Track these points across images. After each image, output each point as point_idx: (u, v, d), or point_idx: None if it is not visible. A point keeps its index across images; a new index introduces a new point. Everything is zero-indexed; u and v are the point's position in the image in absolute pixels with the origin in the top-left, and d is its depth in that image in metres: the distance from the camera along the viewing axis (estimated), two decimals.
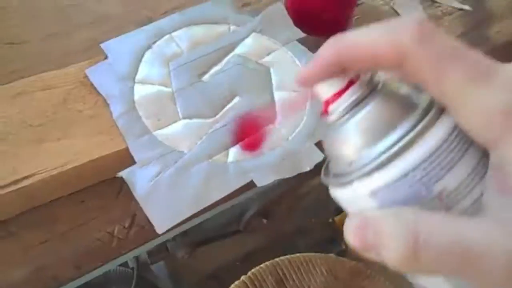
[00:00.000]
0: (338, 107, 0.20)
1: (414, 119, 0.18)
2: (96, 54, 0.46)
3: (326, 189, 0.22)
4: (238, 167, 0.40)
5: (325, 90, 0.20)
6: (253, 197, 0.93)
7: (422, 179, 0.17)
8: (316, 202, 1.04)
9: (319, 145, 0.42)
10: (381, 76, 0.20)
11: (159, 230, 0.37)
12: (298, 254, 0.76)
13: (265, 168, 0.40)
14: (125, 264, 0.91)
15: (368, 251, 0.17)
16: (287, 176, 0.40)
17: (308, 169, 0.40)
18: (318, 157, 0.41)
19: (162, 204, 0.37)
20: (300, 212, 1.04)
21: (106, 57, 0.45)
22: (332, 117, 0.20)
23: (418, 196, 0.18)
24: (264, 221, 0.97)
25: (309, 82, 0.20)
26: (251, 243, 1.12)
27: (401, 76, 0.19)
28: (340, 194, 0.20)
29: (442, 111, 0.18)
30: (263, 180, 0.39)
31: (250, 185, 0.43)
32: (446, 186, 0.17)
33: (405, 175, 0.17)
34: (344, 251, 1.08)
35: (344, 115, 0.20)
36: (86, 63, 0.44)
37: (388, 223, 0.17)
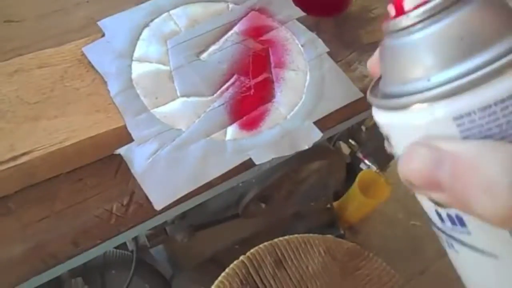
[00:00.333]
0: (420, 7, 0.16)
1: None
2: (93, 32, 0.45)
3: (325, 173, 0.21)
4: (236, 145, 0.40)
5: None
6: (252, 181, 0.93)
7: None
8: (315, 187, 1.04)
9: (317, 123, 0.42)
10: None
11: (157, 207, 0.37)
12: (296, 235, 0.76)
13: (263, 146, 0.40)
14: (124, 247, 0.92)
15: (431, 189, 0.15)
16: (285, 154, 0.40)
17: (306, 147, 0.40)
18: (317, 135, 0.41)
19: (160, 181, 0.37)
20: (299, 197, 1.05)
21: (103, 35, 0.45)
22: (409, 19, 0.16)
23: None
24: (263, 205, 0.97)
25: None
26: (249, 227, 1.13)
27: None
28: (398, 119, 0.17)
29: None
30: (261, 158, 0.39)
31: (248, 164, 0.43)
32: None
33: (511, 96, 0.14)
34: (343, 236, 1.09)
35: (428, 18, 0.16)
36: (83, 41, 0.44)
37: (492, 168, 0.13)
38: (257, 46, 0.45)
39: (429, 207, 0.19)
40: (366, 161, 1.04)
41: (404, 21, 0.16)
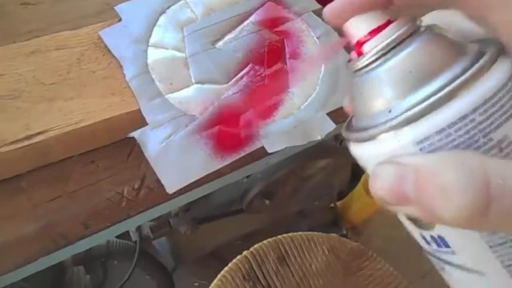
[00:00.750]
0: (375, 46, 0.17)
1: (469, 60, 0.16)
2: (110, 16, 0.46)
3: (330, 172, 0.21)
4: (249, 133, 0.40)
5: (360, 26, 0.18)
6: (257, 177, 0.93)
7: (480, 125, 0.15)
8: (320, 186, 1.04)
9: (331, 115, 0.42)
10: (423, 21, 0.18)
11: (170, 190, 0.37)
12: (300, 233, 0.76)
13: (276, 135, 0.40)
14: (127, 238, 0.92)
15: (401, 204, 0.15)
16: (298, 144, 0.40)
17: (319, 138, 0.40)
18: (330, 126, 0.41)
19: (173, 165, 0.37)
20: (303, 195, 1.05)
21: (120, 20, 0.45)
22: (365, 59, 0.18)
23: (473, 145, 0.15)
24: (267, 202, 0.97)
25: (341, 16, 0.18)
26: (253, 223, 1.13)
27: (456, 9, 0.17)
28: (368, 149, 0.18)
29: (498, 55, 0.16)
30: (274, 146, 0.39)
31: (259, 154, 0.43)
32: (508, 134, 0.15)
33: (462, 118, 0.15)
34: (345, 236, 1.08)
35: (382, 56, 0.17)
36: (100, 25, 0.44)
37: (447, 172, 0.14)
38: (272, 37, 0.45)
39: (413, 231, 0.20)
40: None
41: (362, 61, 0.18)
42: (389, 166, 0.16)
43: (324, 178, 1.01)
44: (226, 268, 0.74)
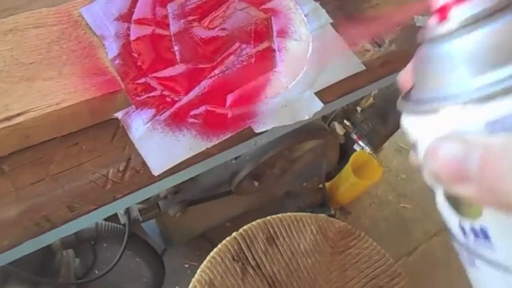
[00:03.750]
0: (464, 13, 0.16)
1: None
2: None
3: (318, 153, 0.21)
4: (236, 113, 0.39)
5: None
6: (246, 159, 0.93)
7: None
8: (308, 167, 1.05)
9: (318, 94, 0.41)
10: None
11: (155, 172, 0.37)
12: (289, 213, 0.77)
13: (263, 115, 0.39)
14: (116, 221, 0.92)
15: (459, 181, 0.15)
16: (286, 124, 0.39)
17: (306, 117, 0.40)
18: (318, 106, 0.40)
19: (158, 146, 0.37)
20: (292, 176, 1.05)
21: None
22: (450, 25, 0.17)
23: None
24: (256, 183, 0.97)
25: None
26: (242, 205, 1.13)
27: None
28: (428, 123, 0.17)
29: None
30: (261, 126, 0.39)
31: (247, 135, 0.42)
32: None
33: None
34: (333, 216, 1.10)
35: (471, 24, 0.16)
36: (80, 1, 0.43)
37: None
38: (259, 14, 0.44)
39: (451, 220, 0.19)
40: (360, 142, 1.05)
41: (446, 26, 0.17)
42: (454, 142, 0.15)
43: (313, 160, 1.01)
44: (215, 250, 0.75)
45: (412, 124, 0.18)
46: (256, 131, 0.39)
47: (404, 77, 0.22)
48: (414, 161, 0.20)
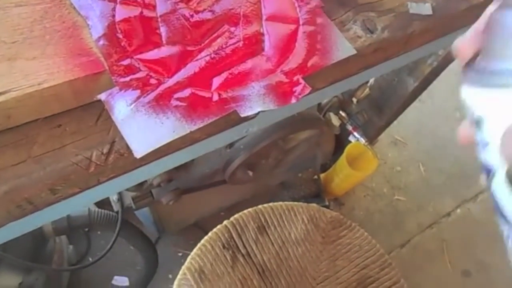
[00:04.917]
0: None
1: None
2: None
3: (313, 143, 0.20)
4: (222, 97, 0.38)
5: None
6: (240, 148, 0.92)
7: None
8: (303, 157, 1.04)
9: (307, 82, 0.41)
10: None
11: (137, 154, 0.36)
12: (281, 202, 0.76)
13: (249, 99, 0.39)
14: (109, 208, 0.91)
15: None
16: (271, 108, 0.39)
17: (294, 102, 0.39)
18: (306, 91, 0.40)
19: (141, 129, 0.36)
20: (287, 166, 1.05)
21: None
22: None
23: None
24: (250, 173, 0.97)
25: None
26: (236, 194, 1.13)
27: None
28: (499, 97, 0.15)
29: None
30: (247, 110, 0.38)
31: (235, 121, 0.42)
32: None
33: None
34: (327, 207, 1.10)
35: None
36: None
37: None
38: None
39: (509, 203, 0.18)
40: (355, 134, 1.04)
41: None
42: None
43: (307, 150, 1.01)
44: (205, 237, 0.74)
45: (478, 97, 0.16)
46: (242, 115, 0.38)
47: (465, 44, 0.20)
48: (466, 135, 0.19)
